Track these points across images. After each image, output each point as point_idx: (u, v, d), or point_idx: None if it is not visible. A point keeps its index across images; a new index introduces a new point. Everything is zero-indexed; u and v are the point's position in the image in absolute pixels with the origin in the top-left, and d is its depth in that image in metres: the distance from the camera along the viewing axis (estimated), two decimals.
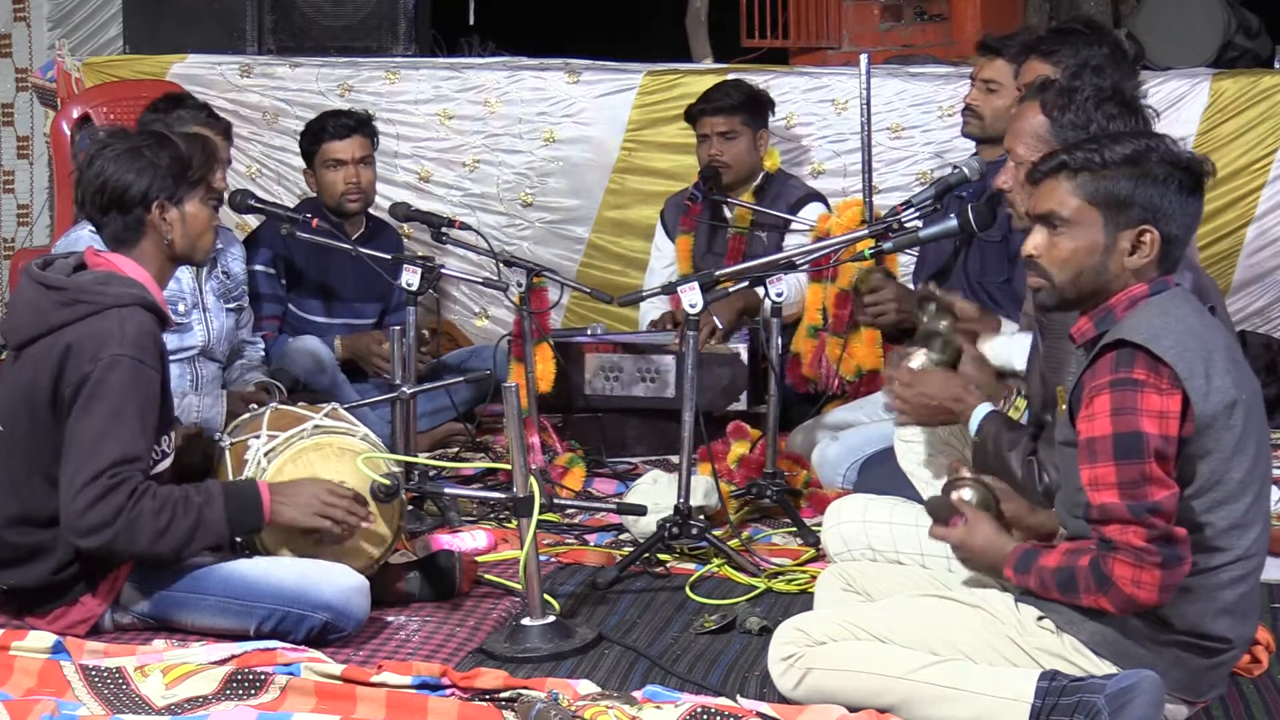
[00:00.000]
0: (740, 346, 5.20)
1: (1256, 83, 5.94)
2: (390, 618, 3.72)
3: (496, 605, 3.84)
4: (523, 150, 6.39)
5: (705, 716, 2.99)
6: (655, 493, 4.29)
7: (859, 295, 4.54)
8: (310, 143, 5.47)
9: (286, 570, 3.54)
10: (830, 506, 3.60)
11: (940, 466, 3.58)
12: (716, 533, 4.15)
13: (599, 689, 3.21)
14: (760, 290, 4.38)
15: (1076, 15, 7.01)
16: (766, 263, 4.42)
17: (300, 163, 5.69)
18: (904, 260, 5.16)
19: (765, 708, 3.06)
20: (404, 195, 6.11)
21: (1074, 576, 2.82)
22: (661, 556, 4.11)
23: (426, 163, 6.44)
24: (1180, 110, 5.89)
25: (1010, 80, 4.60)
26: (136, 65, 6.48)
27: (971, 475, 3.16)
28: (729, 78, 5.87)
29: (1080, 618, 2.89)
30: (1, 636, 3.42)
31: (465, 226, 5.05)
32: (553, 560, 4.18)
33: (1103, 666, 2.89)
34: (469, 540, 4.25)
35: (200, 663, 3.31)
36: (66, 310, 3.49)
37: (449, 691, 3.20)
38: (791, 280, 4.60)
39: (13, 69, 7.28)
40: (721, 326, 5.23)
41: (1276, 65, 6.58)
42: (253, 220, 5.80)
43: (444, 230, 4.98)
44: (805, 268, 4.54)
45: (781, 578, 3.99)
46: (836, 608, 3.23)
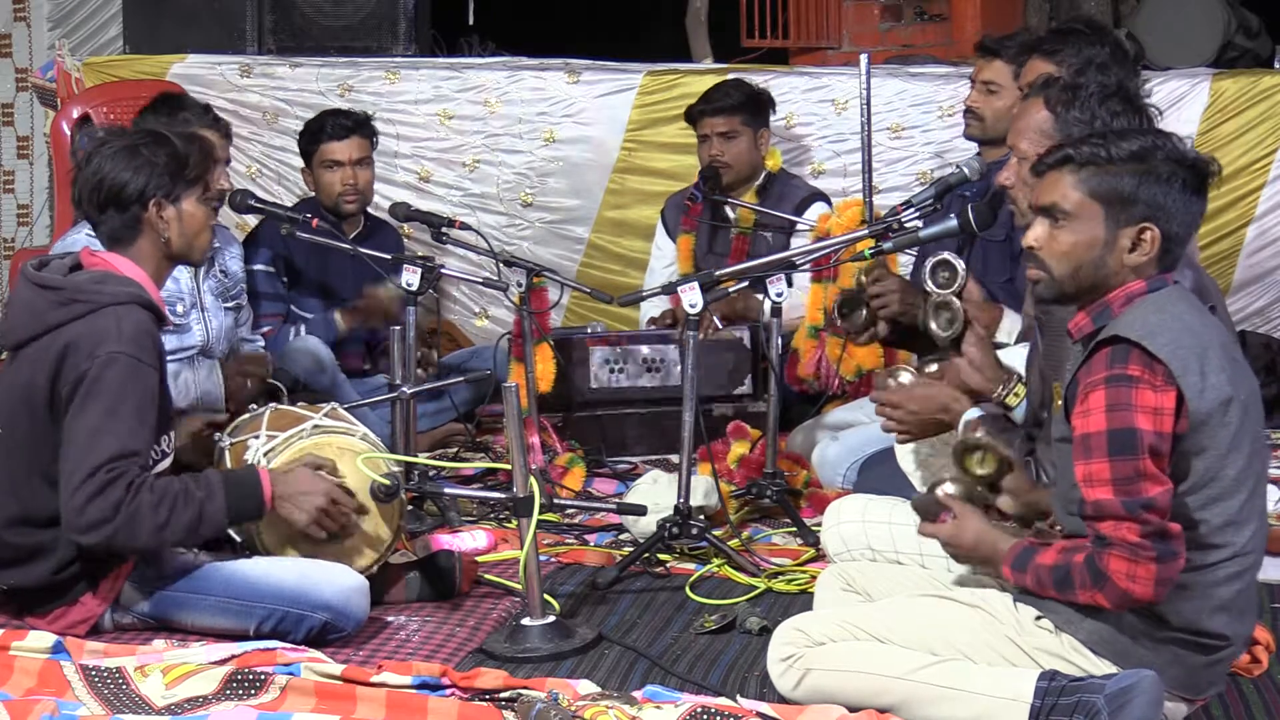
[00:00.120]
0: (743, 332, 5.21)
1: (1256, 83, 5.94)
2: (390, 618, 3.72)
3: (496, 605, 3.84)
4: (523, 150, 6.39)
5: (705, 716, 2.99)
6: (655, 493, 4.29)
7: (861, 286, 4.54)
8: (308, 142, 5.47)
9: (286, 570, 3.54)
10: (830, 506, 3.59)
11: (940, 467, 3.58)
12: (716, 533, 4.14)
13: (599, 689, 3.21)
14: (758, 294, 4.38)
15: (1077, 15, 7.02)
16: (767, 263, 4.42)
17: (300, 162, 5.69)
18: (904, 260, 5.16)
19: (765, 708, 3.06)
20: (404, 195, 6.10)
21: (1070, 574, 2.82)
22: (661, 556, 4.11)
23: (426, 163, 6.44)
24: (1180, 110, 5.89)
25: (1010, 81, 4.60)
26: (136, 65, 6.48)
27: (979, 439, 3.16)
28: (729, 78, 5.87)
29: (1078, 617, 2.89)
30: (1, 636, 3.42)
31: (465, 226, 5.05)
32: (553, 560, 4.18)
33: (1101, 665, 2.89)
34: (469, 540, 4.25)
35: (200, 663, 3.31)
36: (63, 310, 3.48)
37: (449, 691, 3.20)
38: (788, 290, 4.59)
39: (13, 69, 7.27)
40: (720, 327, 5.23)
41: (1276, 65, 6.58)
42: (253, 220, 5.79)
43: (444, 230, 4.98)
44: (805, 268, 4.54)
45: (781, 578, 3.99)
46: (836, 608, 3.23)
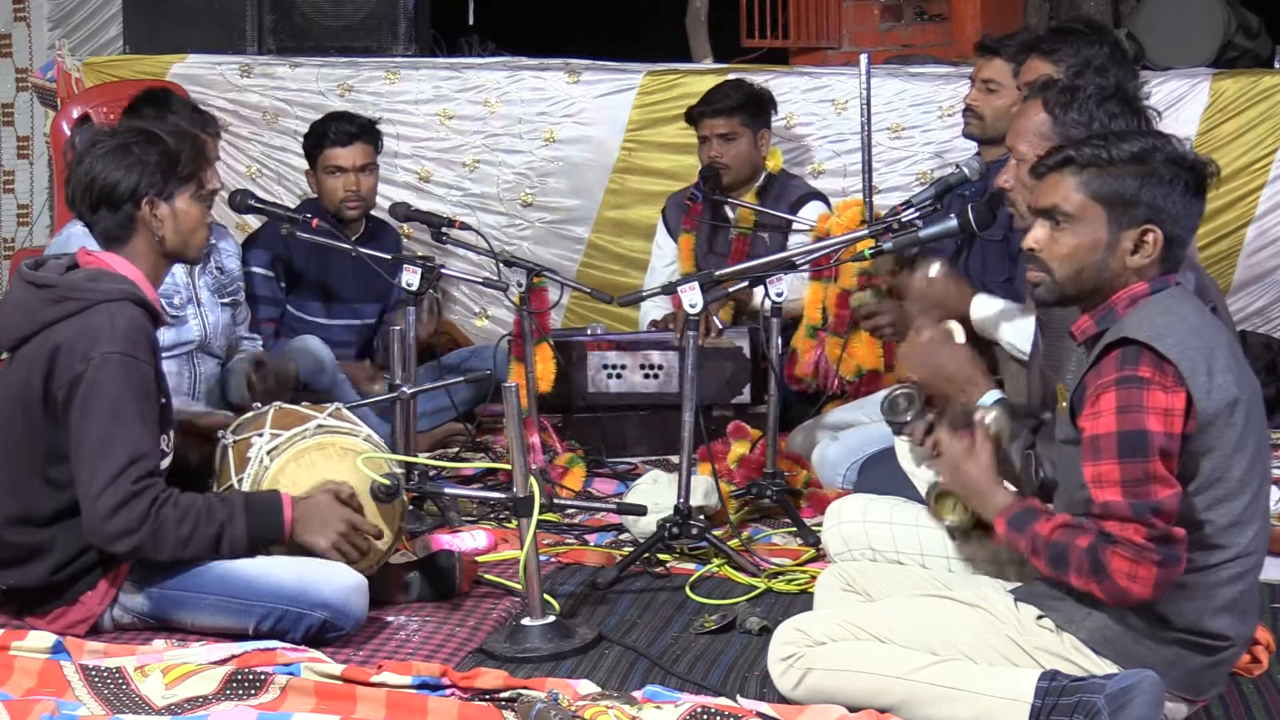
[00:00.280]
0: (742, 340, 5.21)
1: (1256, 83, 5.94)
2: (390, 618, 3.72)
3: (496, 605, 3.84)
4: (523, 150, 6.39)
5: (705, 716, 2.99)
6: (655, 493, 4.29)
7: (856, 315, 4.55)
8: (312, 146, 5.47)
9: (285, 569, 3.53)
10: (830, 506, 3.59)
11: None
12: (716, 533, 4.14)
13: (599, 689, 3.21)
14: (760, 291, 4.38)
15: (1076, 15, 7.02)
16: (766, 263, 4.41)
17: (301, 162, 5.69)
18: None
19: (765, 708, 3.06)
20: (404, 195, 6.10)
21: (1067, 554, 2.82)
22: (661, 556, 4.10)
23: (426, 163, 6.43)
24: (1180, 110, 5.89)
25: (1010, 80, 4.60)
26: (136, 65, 6.48)
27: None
28: (730, 78, 5.85)
29: (1080, 616, 2.90)
30: (1, 636, 3.42)
31: (465, 226, 5.04)
32: (553, 560, 4.18)
33: (1102, 665, 2.89)
34: (469, 540, 4.25)
35: (200, 663, 3.31)
36: (56, 308, 3.48)
37: (449, 691, 3.20)
38: (792, 278, 4.60)
39: (13, 69, 7.28)
40: (721, 326, 5.23)
41: (1276, 65, 6.58)
42: (252, 220, 5.79)
43: (444, 230, 4.98)
44: (805, 268, 4.54)
45: (781, 578, 3.99)
46: (836, 608, 3.22)
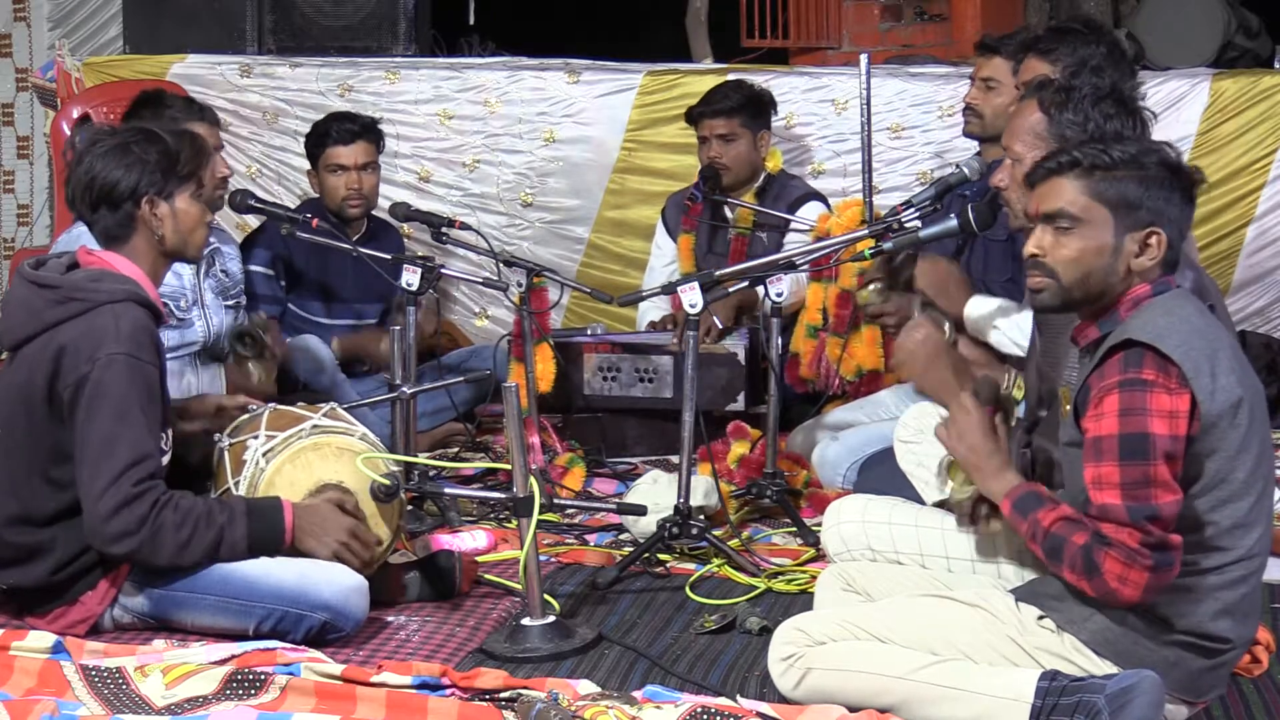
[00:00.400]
0: (737, 347, 5.20)
1: (1256, 83, 5.93)
2: (390, 618, 3.72)
3: (496, 605, 3.84)
4: (523, 150, 6.38)
5: (705, 716, 2.99)
6: (655, 493, 4.28)
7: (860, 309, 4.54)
8: (314, 145, 5.47)
9: (285, 570, 3.53)
10: (830, 506, 3.59)
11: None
12: (716, 533, 4.14)
13: (599, 689, 3.21)
14: (760, 290, 4.38)
15: (1076, 15, 7.02)
16: (766, 263, 4.41)
17: (301, 162, 5.69)
18: None
19: (765, 708, 3.06)
20: (404, 195, 6.10)
21: (1062, 549, 2.82)
22: (661, 556, 4.10)
23: (426, 163, 6.43)
24: (1180, 110, 5.88)
25: (1009, 78, 4.61)
26: (136, 65, 6.48)
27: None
28: (730, 79, 5.84)
29: (1080, 617, 2.90)
30: (1, 636, 3.42)
31: (465, 226, 5.04)
32: (553, 560, 4.18)
33: (1103, 666, 2.89)
34: (469, 540, 4.25)
35: (200, 663, 3.31)
36: (60, 309, 3.48)
37: (449, 691, 3.20)
38: (792, 275, 4.59)
39: (13, 69, 7.28)
40: (721, 326, 5.23)
41: (1276, 65, 6.58)
42: (253, 220, 5.79)
43: (444, 230, 4.98)
44: (805, 268, 4.54)
45: (781, 578, 3.99)
46: (836, 608, 3.22)
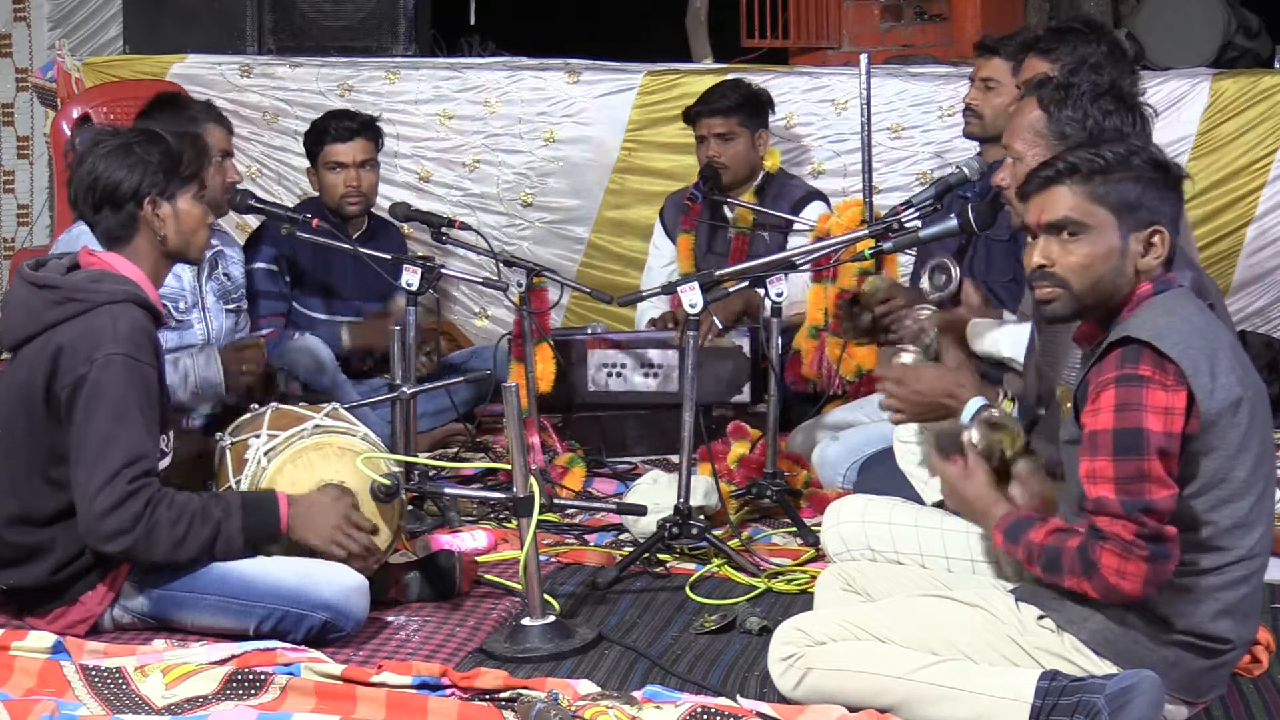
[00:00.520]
0: (742, 340, 5.21)
1: (1256, 83, 5.94)
2: (390, 618, 3.72)
3: (496, 605, 3.84)
4: (523, 150, 6.38)
5: (705, 716, 2.99)
6: (655, 493, 4.28)
7: (868, 306, 4.53)
8: (313, 143, 5.47)
9: (286, 570, 3.54)
10: (830, 507, 3.59)
11: None
12: (716, 533, 4.14)
13: (599, 689, 3.21)
14: (760, 290, 4.38)
15: (1076, 15, 7.02)
16: (767, 263, 4.41)
17: (301, 162, 5.69)
18: (904, 260, 5.15)
19: (765, 708, 3.06)
20: (404, 195, 6.10)
21: (1060, 557, 2.83)
22: (661, 556, 4.10)
23: (426, 163, 6.43)
24: (1180, 110, 5.89)
25: (1008, 78, 4.61)
26: (136, 65, 6.48)
27: (1002, 419, 3.18)
28: (728, 78, 5.85)
29: (1080, 617, 2.90)
30: (1, 636, 3.42)
31: (465, 226, 5.04)
32: (553, 560, 4.18)
33: (1103, 666, 2.89)
34: (469, 540, 4.25)
35: (200, 663, 3.31)
36: (59, 309, 3.48)
37: (449, 691, 3.20)
38: (794, 281, 4.59)
39: (13, 69, 7.28)
40: (721, 326, 5.23)
41: (1276, 65, 6.58)
42: (253, 220, 5.79)
43: (444, 230, 4.98)
44: (805, 268, 4.54)
45: (781, 578, 3.99)
46: (836, 608, 3.22)
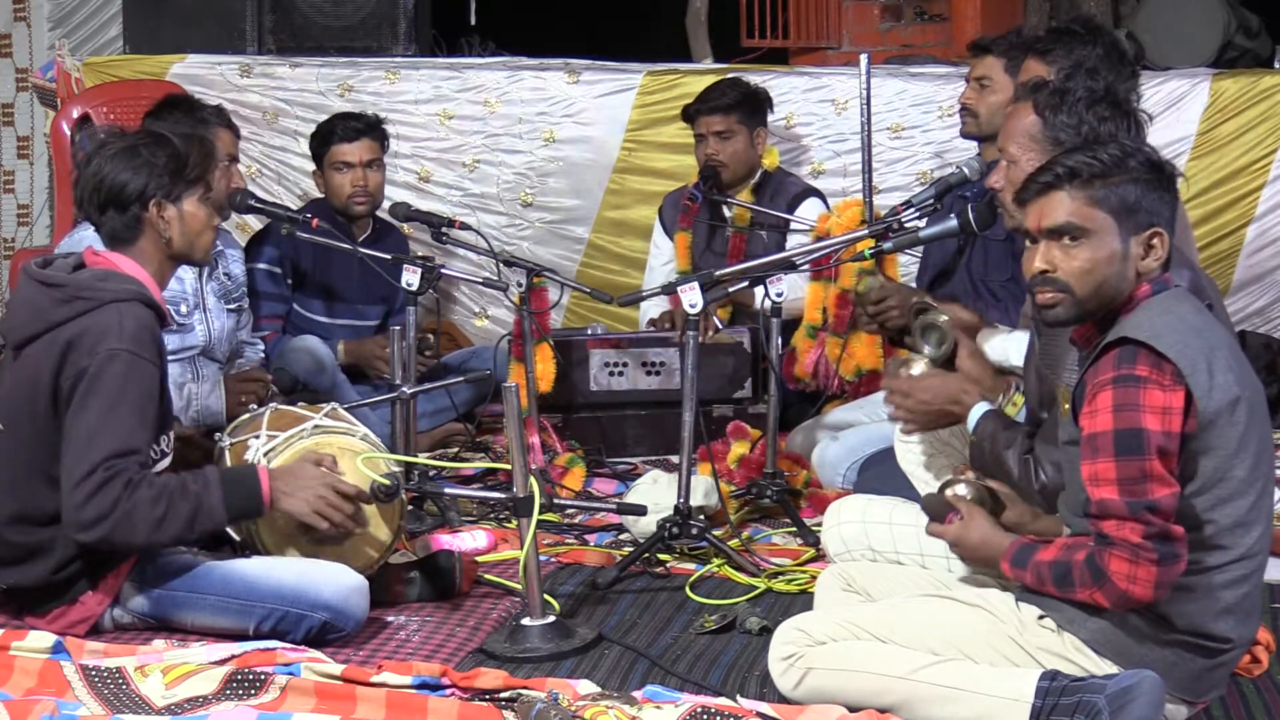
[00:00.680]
0: (742, 336, 5.21)
1: (1256, 83, 5.94)
2: (390, 618, 3.72)
3: (496, 605, 3.84)
4: (523, 150, 6.38)
5: (705, 716, 2.99)
6: (655, 493, 4.29)
7: (861, 305, 4.54)
8: (319, 144, 5.47)
9: (286, 570, 3.54)
10: (830, 507, 3.59)
11: (941, 467, 3.58)
12: (716, 533, 4.14)
13: (599, 689, 3.21)
14: (760, 290, 4.39)
15: (1076, 15, 7.01)
16: (767, 263, 4.41)
17: (301, 162, 5.69)
18: (904, 260, 5.16)
19: (765, 708, 3.06)
20: (404, 195, 6.09)
21: (1070, 571, 2.83)
22: (661, 556, 4.10)
23: (426, 163, 6.43)
24: (1180, 110, 5.89)
25: (1002, 76, 4.62)
26: (136, 65, 6.47)
27: (971, 477, 3.18)
28: (727, 77, 5.86)
29: (1081, 616, 2.89)
30: (1, 636, 3.42)
31: (465, 226, 5.05)
32: (553, 560, 4.18)
33: (1104, 666, 2.89)
34: (469, 540, 4.25)
35: (200, 663, 3.31)
36: (65, 307, 3.49)
37: (449, 691, 3.20)
38: (792, 279, 4.60)
39: (13, 69, 7.27)
40: (721, 326, 5.23)
41: (1276, 65, 6.57)
42: (253, 220, 5.79)
43: (444, 230, 4.98)
44: (805, 268, 4.54)
45: (781, 578, 3.99)
46: (837, 608, 3.22)
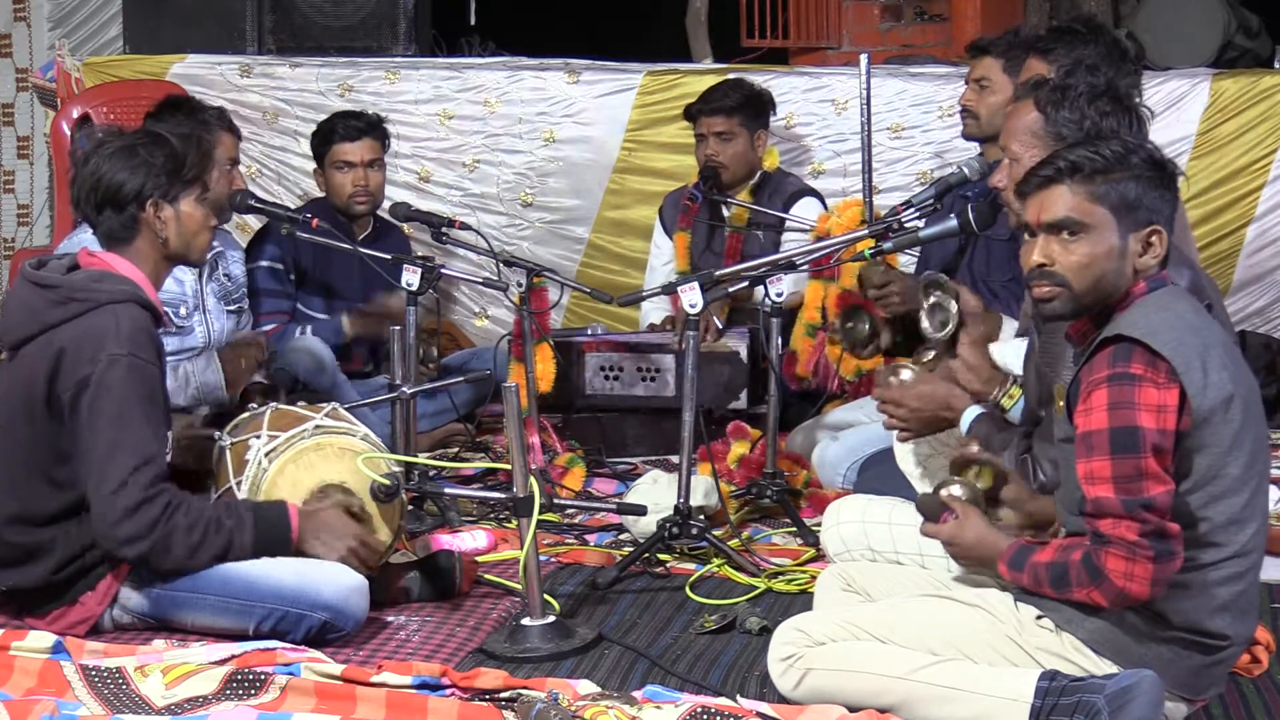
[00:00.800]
0: (739, 345, 5.21)
1: (1256, 83, 5.94)
2: (390, 618, 3.72)
3: (496, 605, 3.84)
4: (523, 150, 6.38)
5: (705, 716, 2.99)
6: (655, 493, 4.28)
7: (864, 288, 4.53)
8: (320, 143, 5.47)
9: (285, 570, 3.54)
10: (830, 507, 3.60)
11: (939, 467, 3.58)
12: (716, 533, 4.14)
13: (599, 689, 3.21)
14: (760, 290, 4.38)
15: (1076, 15, 7.01)
16: (767, 263, 4.41)
17: (301, 162, 5.69)
18: (904, 260, 5.15)
19: (765, 708, 3.06)
20: (404, 195, 6.09)
21: (1067, 571, 2.83)
22: (661, 556, 4.10)
23: (426, 163, 6.43)
24: (1180, 110, 5.88)
25: (1001, 76, 4.62)
26: (136, 65, 6.48)
27: (975, 454, 3.18)
28: (730, 78, 5.85)
29: (1079, 616, 2.89)
30: (1, 636, 3.42)
31: (465, 226, 5.04)
32: (553, 560, 4.18)
33: (1102, 665, 2.89)
34: (469, 540, 4.25)
35: (200, 663, 3.31)
36: (60, 309, 3.49)
37: (449, 691, 3.20)
38: (793, 276, 4.59)
39: (13, 69, 7.28)
40: (721, 326, 5.23)
41: (1276, 65, 6.57)
42: (253, 220, 5.79)
43: (444, 230, 4.98)
44: (805, 268, 4.54)
45: (781, 578, 3.99)
46: (836, 608, 3.23)
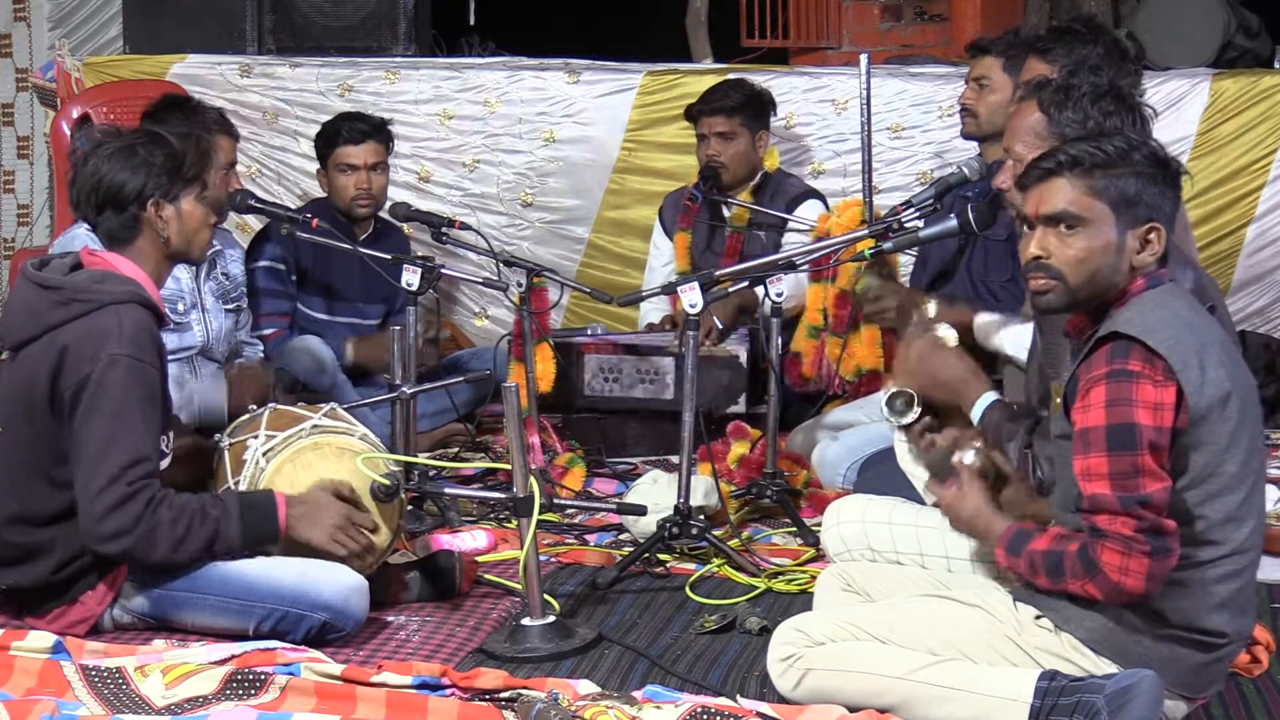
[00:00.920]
0: (738, 349, 5.20)
1: (1256, 83, 5.94)
2: (390, 618, 3.72)
3: (496, 605, 3.84)
4: (523, 150, 6.38)
5: (705, 716, 2.99)
6: (655, 493, 4.28)
7: (858, 304, 4.54)
8: (324, 145, 5.47)
9: (285, 570, 3.54)
10: (830, 507, 3.59)
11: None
12: (716, 533, 4.14)
13: (599, 689, 3.21)
14: (760, 290, 4.39)
15: (1077, 15, 7.01)
16: (767, 263, 4.41)
17: (301, 162, 5.69)
18: (904, 260, 5.15)
19: (765, 708, 3.06)
20: (404, 195, 6.08)
21: (1062, 562, 2.83)
22: (661, 556, 4.10)
23: (426, 163, 6.43)
24: (1180, 110, 5.89)
25: (1001, 75, 4.63)
26: (136, 65, 6.48)
27: (982, 450, 3.18)
28: (731, 78, 5.85)
29: (1078, 615, 2.90)
30: (1, 636, 3.42)
31: (465, 226, 5.04)
32: (553, 560, 4.18)
33: (1101, 664, 2.89)
34: (469, 540, 4.25)
35: (200, 663, 3.31)
36: (62, 309, 3.49)
37: (449, 691, 3.20)
38: (793, 277, 4.60)
39: (13, 69, 7.28)
40: (721, 326, 5.23)
41: (1276, 65, 6.57)
42: (253, 220, 5.79)
43: (444, 230, 4.98)
44: (805, 268, 4.54)
45: (781, 578, 3.99)
46: (836, 608, 3.23)
